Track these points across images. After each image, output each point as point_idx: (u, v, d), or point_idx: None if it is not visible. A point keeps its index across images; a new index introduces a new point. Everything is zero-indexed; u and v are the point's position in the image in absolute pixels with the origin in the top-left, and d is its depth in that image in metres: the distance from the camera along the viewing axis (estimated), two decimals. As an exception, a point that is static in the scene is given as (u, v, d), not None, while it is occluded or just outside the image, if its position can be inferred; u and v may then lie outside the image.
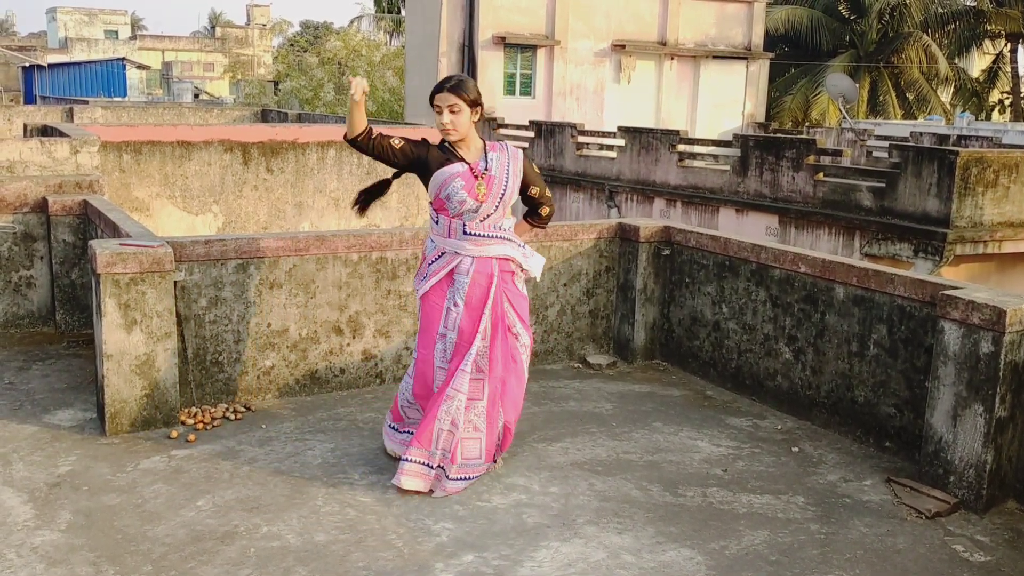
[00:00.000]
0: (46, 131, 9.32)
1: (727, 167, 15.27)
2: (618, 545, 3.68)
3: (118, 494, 3.97)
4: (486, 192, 4.07)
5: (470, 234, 4.12)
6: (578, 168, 18.65)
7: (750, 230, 14.15)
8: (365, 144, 4.07)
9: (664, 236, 6.10)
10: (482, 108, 4.14)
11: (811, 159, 13.81)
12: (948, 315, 4.18)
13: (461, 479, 4.10)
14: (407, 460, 4.06)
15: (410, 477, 4.04)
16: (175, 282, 4.79)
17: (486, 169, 4.10)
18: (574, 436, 4.83)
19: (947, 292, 4.25)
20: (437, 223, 4.18)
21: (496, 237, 4.16)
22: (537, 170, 4.38)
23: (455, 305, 4.12)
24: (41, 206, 6.48)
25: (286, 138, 9.84)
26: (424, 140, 4.20)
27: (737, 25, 25.37)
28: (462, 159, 4.10)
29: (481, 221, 4.11)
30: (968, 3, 32.80)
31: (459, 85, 4.05)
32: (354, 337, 5.41)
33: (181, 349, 4.93)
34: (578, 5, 23.34)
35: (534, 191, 4.31)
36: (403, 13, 36.77)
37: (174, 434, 4.65)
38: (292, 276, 5.19)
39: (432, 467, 4.06)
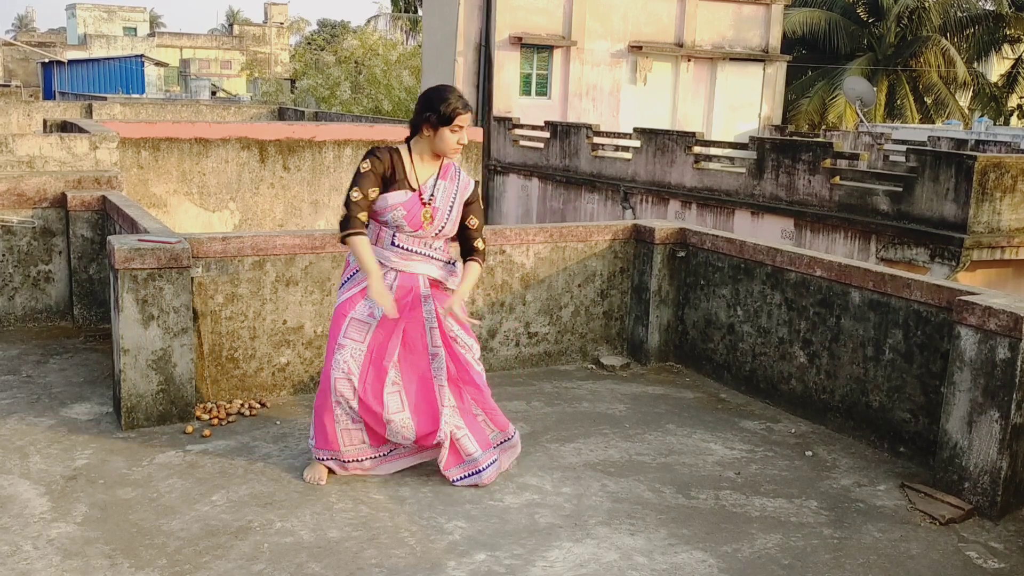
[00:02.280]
0: (65, 127, 9.38)
1: (743, 169, 15.22)
2: (630, 546, 3.69)
3: (133, 488, 4.00)
4: (429, 222, 3.98)
5: (397, 246, 4.01)
6: (593, 169, 18.63)
7: (765, 233, 14.11)
8: (365, 228, 3.96)
9: (679, 238, 6.09)
10: None
11: (827, 162, 13.75)
12: (965, 320, 4.16)
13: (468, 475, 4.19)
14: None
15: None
16: (192, 278, 4.83)
17: (431, 197, 3.99)
18: (587, 437, 4.84)
19: (964, 297, 4.23)
20: (367, 225, 4.00)
21: (422, 254, 4.04)
22: (481, 205, 4.26)
23: (371, 316, 4.00)
24: (60, 201, 6.53)
25: (303, 136, 9.88)
26: (379, 152, 4.01)
27: (754, 27, 25.28)
28: (410, 181, 3.97)
29: (413, 236, 4.01)
30: (987, 7, 32.58)
31: (468, 104, 4.07)
32: (369, 335, 5.43)
33: (197, 345, 4.96)
34: (595, 6, 23.30)
35: (473, 223, 4.14)
36: (420, 12, 36.85)
37: (189, 429, 4.68)
38: (308, 274, 5.21)
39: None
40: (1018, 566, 3.69)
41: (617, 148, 18.29)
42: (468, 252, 4.22)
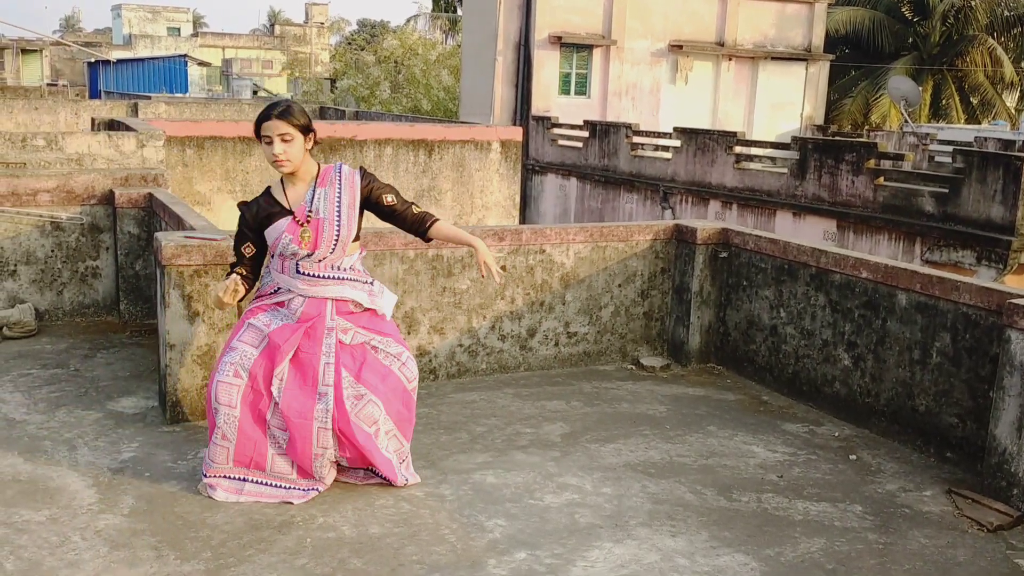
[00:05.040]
0: (113, 125, 9.54)
1: (785, 170, 15.08)
2: (671, 548, 3.67)
3: (179, 481, 4.06)
4: (312, 238, 3.81)
5: (303, 274, 3.87)
6: (632, 169, 18.57)
7: (807, 234, 13.97)
8: (248, 279, 3.96)
9: (722, 238, 6.05)
10: (315, 134, 3.88)
11: (871, 163, 13.59)
12: (1015, 324, 4.09)
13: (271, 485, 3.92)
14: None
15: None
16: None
17: (310, 212, 3.83)
18: (627, 438, 4.82)
19: (1015, 300, 4.15)
20: (272, 258, 3.97)
21: (332, 278, 3.88)
22: (383, 182, 4.03)
23: (267, 325, 3.88)
24: (108, 198, 6.64)
25: (344, 135, 9.95)
26: (247, 203, 3.99)
27: (797, 26, 25.03)
28: (285, 208, 3.86)
29: (317, 262, 3.86)
30: (1036, 6, 31.95)
31: (288, 111, 3.79)
32: (409, 333, 5.46)
33: (241, 341, 5.00)
34: (635, 5, 23.22)
35: (389, 200, 3.94)
36: (460, 12, 36.96)
37: (233, 424, 4.72)
38: (350, 271, 5.24)
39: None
40: (1069, 575, 3.62)
41: (657, 148, 18.22)
42: (420, 223, 4.02)
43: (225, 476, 3.90)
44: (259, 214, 3.91)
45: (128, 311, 6.67)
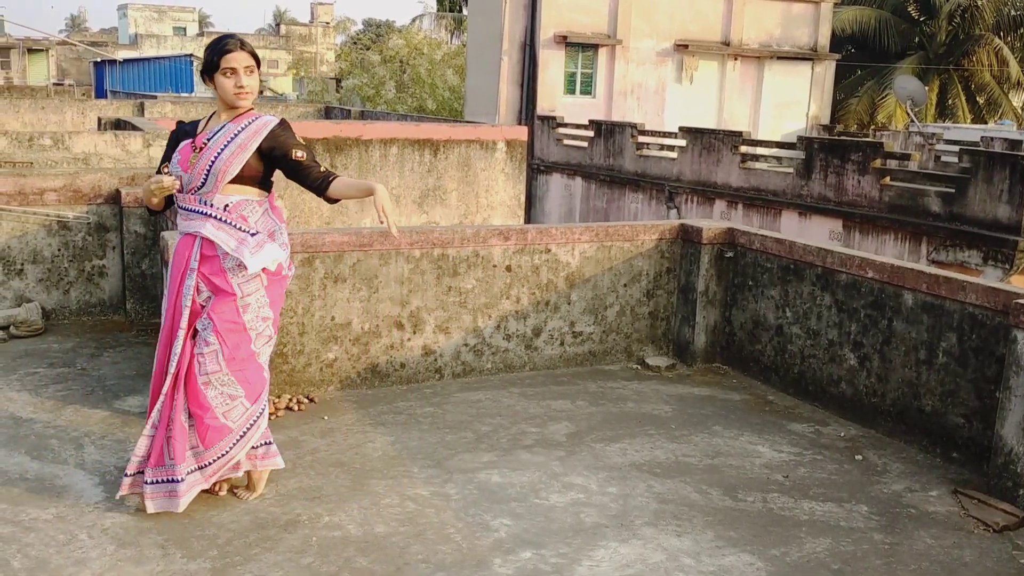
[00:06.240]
0: (119, 125, 9.56)
1: (790, 169, 15.06)
2: (677, 548, 3.67)
3: (185, 480, 4.06)
4: (194, 163, 3.65)
5: (180, 207, 3.74)
6: (638, 168, 18.55)
7: (813, 234, 13.95)
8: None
9: (727, 238, 6.04)
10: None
11: (877, 163, 13.56)
12: (1022, 324, 4.08)
13: (155, 482, 3.70)
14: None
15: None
16: (243, 274, 4.87)
17: (208, 140, 3.67)
18: (632, 437, 4.82)
19: (1021, 301, 4.15)
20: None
21: (197, 212, 3.68)
22: (299, 140, 3.84)
23: (166, 293, 3.83)
24: (114, 198, 6.65)
25: (350, 135, 9.96)
26: (183, 123, 3.88)
27: (803, 25, 24.99)
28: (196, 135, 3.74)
29: (191, 194, 3.68)
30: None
31: (246, 43, 3.68)
32: (415, 332, 5.47)
33: (247, 340, 5.01)
34: (641, 4, 23.19)
35: (299, 154, 3.74)
36: (465, 12, 36.97)
37: (239, 423, 4.73)
38: (356, 271, 5.26)
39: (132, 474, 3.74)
40: (1076, 576, 3.61)
41: (662, 147, 18.20)
42: (321, 180, 3.79)
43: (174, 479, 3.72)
44: (180, 134, 3.81)
45: (134, 310, 6.68)
